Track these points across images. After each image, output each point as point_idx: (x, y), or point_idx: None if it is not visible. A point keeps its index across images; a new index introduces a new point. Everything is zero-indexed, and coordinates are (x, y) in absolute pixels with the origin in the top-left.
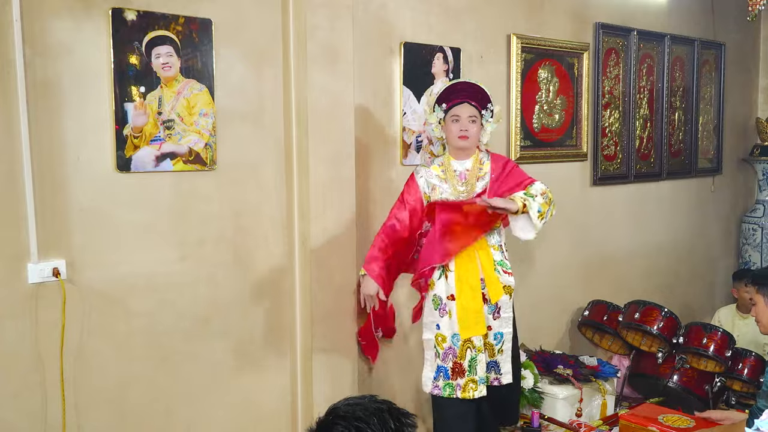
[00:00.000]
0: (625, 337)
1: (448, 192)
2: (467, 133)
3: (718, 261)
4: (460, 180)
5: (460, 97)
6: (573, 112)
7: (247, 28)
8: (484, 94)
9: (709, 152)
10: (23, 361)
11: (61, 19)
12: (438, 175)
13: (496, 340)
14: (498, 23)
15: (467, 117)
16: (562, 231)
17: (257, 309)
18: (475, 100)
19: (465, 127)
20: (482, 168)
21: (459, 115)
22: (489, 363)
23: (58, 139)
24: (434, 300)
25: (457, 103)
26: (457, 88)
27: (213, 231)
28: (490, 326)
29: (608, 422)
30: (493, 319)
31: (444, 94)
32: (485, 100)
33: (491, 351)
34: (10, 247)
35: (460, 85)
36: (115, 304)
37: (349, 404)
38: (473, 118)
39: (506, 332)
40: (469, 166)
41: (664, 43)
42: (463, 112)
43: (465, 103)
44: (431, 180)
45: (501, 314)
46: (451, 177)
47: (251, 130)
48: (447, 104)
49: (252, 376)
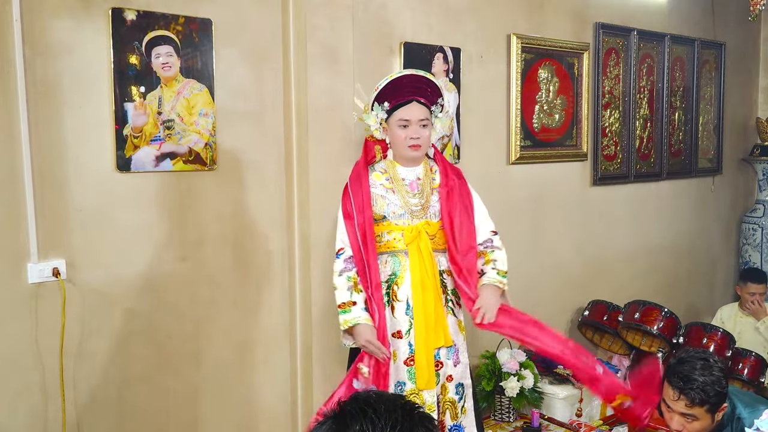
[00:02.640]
0: (625, 337)
1: (397, 204)
2: (419, 141)
3: (718, 261)
4: (411, 191)
5: (406, 95)
6: (573, 112)
7: (247, 28)
8: (435, 89)
9: (709, 152)
10: (23, 361)
11: (61, 19)
12: (383, 184)
13: (458, 396)
14: (498, 23)
15: (418, 121)
16: (562, 231)
17: (257, 309)
18: (424, 97)
19: (416, 134)
20: (435, 178)
21: (408, 119)
22: (452, 428)
23: (58, 139)
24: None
25: (403, 103)
26: (403, 83)
27: (213, 231)
28: (450, 375)
29: (608, 422)
30: (454, 366)
31: (388, 90)
32: (436, 95)
33: (453, 411)
34: (10, 247)
35: (406, 79)
36: (115, 304)
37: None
38: (424, 122)
39: (466, 384)
40: (420, 173)
41: (664, 43)
42: (412, 114)
43: (413, 102)
44: (374, 190)
45: (460, 359)
46: (399, 187)
47: (251, 130)
48: (391, 103)
49: (252, 376)
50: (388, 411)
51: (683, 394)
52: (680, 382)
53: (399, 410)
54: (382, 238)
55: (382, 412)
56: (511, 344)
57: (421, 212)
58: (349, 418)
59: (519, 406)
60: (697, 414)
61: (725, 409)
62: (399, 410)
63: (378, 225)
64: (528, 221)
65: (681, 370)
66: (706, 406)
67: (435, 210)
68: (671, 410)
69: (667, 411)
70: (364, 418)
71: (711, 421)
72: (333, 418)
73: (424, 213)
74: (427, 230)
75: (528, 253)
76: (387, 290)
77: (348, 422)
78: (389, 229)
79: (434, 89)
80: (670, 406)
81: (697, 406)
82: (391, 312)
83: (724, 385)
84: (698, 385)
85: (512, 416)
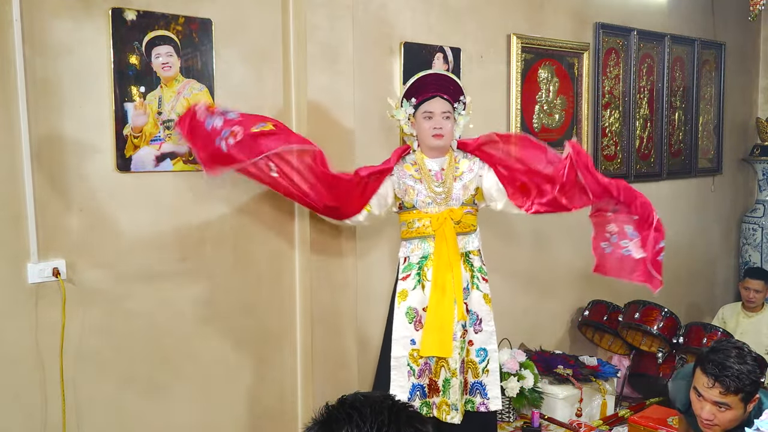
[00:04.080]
0: (625, 337)
1: (424, 194)
2: (441, 131)
3: (718, 261)
4: (435, 180)
5: (430, 91)
6: (573, 112)
7: (247, 28)
8: (457, 87)
9: (709, 152)
10: (23, 361)
11: (61, 19)
12: (412, 175)
13: (479, 358)
14: (498, 23)
15: (441, 113)
16: (562, 231)
17: (257, 309)
18: (447, 94)
19: (439, 124)
20: (458, 167)
21: (432, 111)
22: (473, 384)
23: (58, 138)
24: (408, 312)
25: (428, 98)
26: (427, 81)
27: (213, 231)
28: (471, 341)
29: (608, 422)
30: (475, 333)
31: (413, 88)
32: (458, 92)
33: (475, 371)
34: (10, 247)
35: (431, 78)
36: (115, 304)
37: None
38: (447, 114)
39: (490, 349)
40: (444, 164)
41: (664, 43)
42: (435, 107)
43: (437, 97)
44: (405, 180)
45: (483, 327)
46: (426, 177)
47: None
48: (417, 99)
49: (252, 376)
50: (374, 413)
51: (718, 382)
52: (715, 369)
53: (385, 412)
54: (413, 225)
55: (368, 415)
56: (511, 344)
57: (445, 200)
58: (335, 424)
59: (519, 406)
60: (731, 403)
61: (756, 401)
62: (385, 412)
63: (409, 213)
64: (528, 221)
65: (715, 358)
66: (740, 394)
67: (458, 197)
68: (703, 399)
69: (699, 400)
70: (350, 422)
71: (743, 412)
72: (320, 423)
73: (448, 200)
74: (452, 216)
75: (528, 253)
76: (418, 271)
77: (333, 428)
78: (419, 216)
79: (456, 87)
80: (703, 394)
81: (731, 394)
82: (422, 290)
83: (759, 375)
84: (734, 373)
85: (512, 416)
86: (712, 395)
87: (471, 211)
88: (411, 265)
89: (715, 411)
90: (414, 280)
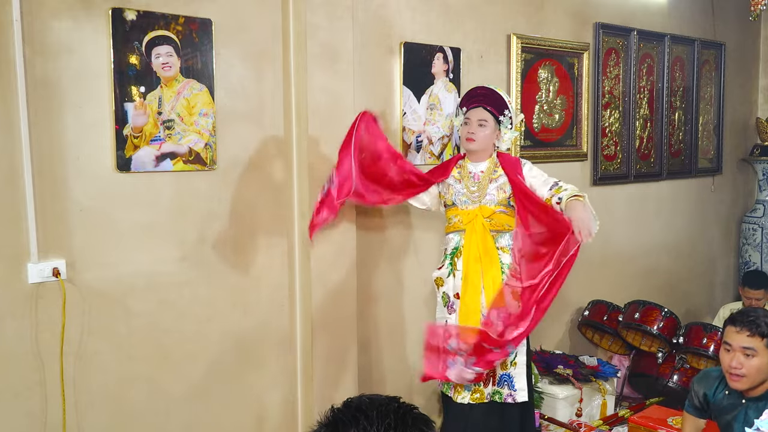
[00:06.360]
0: (625, 337)
1: (462, 192)
2: (474, 136)
3: (718, 261)
4: (473, 180)
5: (476, 102)
6: (573, 112)
7: (247, 28)
8: (502, 100)
9: (709, 152)
10: (23, 361)
11: (61, 19)
12: (454, 175)
13: None
14: (498, 23)
15: (476, 120)
16: None
17: (257, 309)
18: (490, 105)
19: (473, 130)
20: (497, 170)
21: (469, 118)
22: (502, 376)
23: (58, 138)
24: (443, 297)
25: (472, 107)
26: (477, 93)
27: (213, 231)
28: None
29: (608, 422)
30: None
31: (465, 98)
32: (503, 105)
33: (503, 362)
34: (10, 247)
35: (480, 90)
36: (115, 304)
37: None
38: (482, 121)
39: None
40: (483, 168)
41: (664, 43)
42: (473, 115)
43: (479, 107)
44: (448, 180)
45: None
46: (465, 178)
47: (251, 130)
48: (466, 108)
49: (252, 376)
50: (380, 416)
51: (745, 326)
52: (743, 317)
53: (392, 414)
54: (451, 221)
55: (374, 418)
56: None
57: (479, 198)
58: (341, 426)
59: None
60: (757, 347)
61: None
62: (392, 414)
63: (450, 209)
64: None
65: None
66: (765, 339)
67: (492, 197)
68: (731, 348)
69: (727, 352)
70: (356, 425)
71: None
72: (326, 426)
73: (482, 199)
74: (482, 213)
75: None
76: (450, 261)
77: (340, 430)
78: (456, 213)
79: (501, 101)
80: (731, 342)
81: (758, 336)
82: (453, 278)
83: None
84: (760, 317)
85: None
86: (740, 340)
87: (505, 211)
88: (446, 256)
89: (742, 359)
90: (447, 269)
